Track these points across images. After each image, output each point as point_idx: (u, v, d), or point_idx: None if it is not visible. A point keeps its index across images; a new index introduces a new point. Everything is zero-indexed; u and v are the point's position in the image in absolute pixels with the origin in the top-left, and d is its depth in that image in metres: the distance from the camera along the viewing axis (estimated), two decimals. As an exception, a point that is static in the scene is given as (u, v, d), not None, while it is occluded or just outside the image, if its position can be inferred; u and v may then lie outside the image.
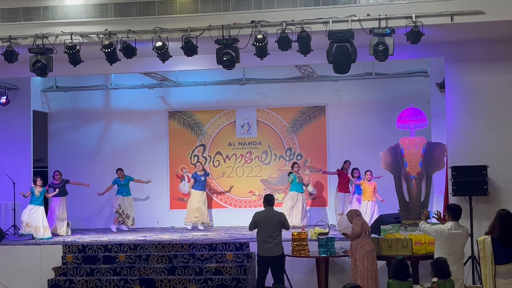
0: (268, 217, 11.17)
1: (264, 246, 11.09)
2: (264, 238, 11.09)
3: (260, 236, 11.16)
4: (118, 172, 16.64)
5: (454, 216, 9.43)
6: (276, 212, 11.46)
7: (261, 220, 11.15)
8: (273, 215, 11.28)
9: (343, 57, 10.91)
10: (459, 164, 12.13)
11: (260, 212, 11.33)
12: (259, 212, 11.37)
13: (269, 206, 11.32)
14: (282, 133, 17.72)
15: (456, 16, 10.69)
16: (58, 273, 13.02)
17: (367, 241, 11.01)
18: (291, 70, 16.44)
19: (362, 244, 10.97)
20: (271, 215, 11.25)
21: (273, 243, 11.05)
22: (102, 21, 11.67)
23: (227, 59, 11.15)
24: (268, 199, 11.40)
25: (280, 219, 11.25)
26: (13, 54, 11.59)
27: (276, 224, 11.14)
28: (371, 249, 10.98)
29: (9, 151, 16.90)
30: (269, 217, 11.19)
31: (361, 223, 11.06)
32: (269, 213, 11.26)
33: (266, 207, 11.33)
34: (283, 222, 11.27)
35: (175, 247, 13.31)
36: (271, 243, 11.04)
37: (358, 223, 11.05)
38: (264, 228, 11.09)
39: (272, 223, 11.11)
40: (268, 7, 11.29)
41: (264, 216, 11.20)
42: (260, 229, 11.14)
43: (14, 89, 17.10)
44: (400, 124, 14.76)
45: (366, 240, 11.01)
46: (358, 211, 11.58)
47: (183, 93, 17.88)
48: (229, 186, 17.75)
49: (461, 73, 12.49)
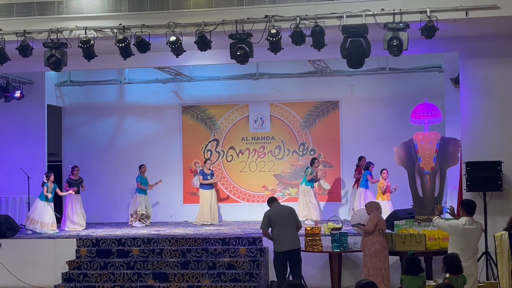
0: (280, 212, 11.13)
1: (282, 240, 10.98)
2: (281, 233, 10.98)
3: (276, 231, 11.05)
4: (142, 168, 16.66)
5: (468, 212, 9.40)
6: (287, 207, 11.48)
7: (274, 217, 11.06)
8: (284, 208, 11.28)
9: (357, 52, 10.87)
10: (473, 159, 12.08)
11: (271, 210, 11.22)
12: (270, 210, 11.25)
13: (275, 202, 11.30)
14: (296, 128, 17.71)
15: (471, 11, 10.63)
16: (72, 266, 13.09)
17: (378, 239, 10.94)
18: (304, 64, 16.41)
19: (373, 241, 10.93)
20: (282, 209, 11.25)
21: (291, 236, 11.00)
22: (116, 15, 11.70)
23: (240, 53, 11.15)
24: (272, 199, 11.43)
25: (293, 212, 11.25)
26: (28, 48, 11.65)
27: (290, 217, 11.09)
28: (381, 247, 10.91)
29: (23, 145, 17.01)
30: (282, 211, 11.16)
31: (376, 220, 10.95)
32: (280, 208, 11.24)
33: (273, 204, 11.29)
34: (295, 216, 11.26)
35: (188, 242, 13.35)
36: (289, 236, 10.98)
37: (373, 220, 10.96)
38: (280, 224, 11.00)
39: (286, 216, 11.07)
40: (282, 2, 11.27)
41: (276, 212, 11.13)
42: (276, 226, 11.04)
43: (29, 83, 17.19)
44: (414, 119, 14.69)
45: (377, 238, 10.94)
46: (378, 205, 11.37)
47: (196, 88, 17.90)
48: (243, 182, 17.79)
49: (475, 68, 12.43)
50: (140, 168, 16.68)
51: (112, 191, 17.91)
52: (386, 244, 11.05)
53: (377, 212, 11.13)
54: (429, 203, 13.50)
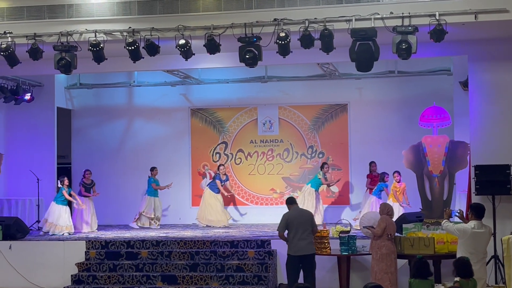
0: (298, 216, 11.08)
1: (297, 245, 10.94)
2: (297, 237, 10.94)
3: (292, 235, 11.00)
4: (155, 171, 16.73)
5: (477, 215, 9.39)
6: (305, 211, 11.49)
7: (292, 220, 11.01)
8: (303, 213, 11.24)
9: (366, 55, 10.89)
10: (482, 163, 12.06)
11: (289, 213, 11.17)
12: (288, 212, 11.20)
13: (294, 205, 11.26)
14: (304, 131, 17.72)
15: (480, 14, 10.62)
16: (81, 268, 13.14)
17: (386, 243, 10.89)
18: (313, 68, 16.43)
19: (380, 245, 10.89)
20: (301, 213, 11.20)
21: (307, 240, 10.96)
22: (126, 19, 11.76)
23: (249, 57, 11.19)
24: (291, 199, 11.39)
25: (310, 217, 11.24)
26: (38, 51, 11.72)
27: (307, 222, 11.05)
28: (388, 251, 10.87)
29: (33, 147, 17.11)
30: (300, 215, 11.10)
31: (384, 225, 10.89)
32: (298, 212, 11.19)
33: (292, 206, 11.24)
34: (312, 220, 11.22)
35: (197, 244, 13.38)
36: (305, 241, 10.94)
37: (381, 224, 10.92)
38: (297, 227, 10.96)
39: (303, 221, 11.02)
40: (291, 5, 11.30)
41: (295, 215, 11.08)
42: (292, 229, 10.99)
43: (39, 86, 17.29)
44: (423, 122, 14.69)
45: (384, 242, 10.89)
46: (390, 209, 11.23)
47: (205, 91, 17.94)
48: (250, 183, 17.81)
49: (484, 71, 12.41)
50: (153, 170, 16.72)
51: (121, 193, 17.96)
52: (394, 248, 11.00)
53: (387, 216, 11.06)
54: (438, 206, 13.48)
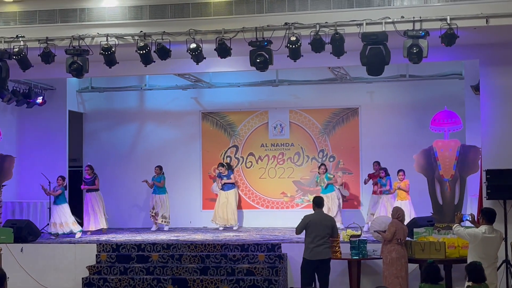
0: (320, 220, 10.92)
1: (314, 249, 10.81)
2: (315, 241, 10.81)
3: (310, 239, 10.87)
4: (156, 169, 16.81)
5: (488, 220, 9.36)
6: (327, 216, 11.37)
7: (312, 223, 10.87)
8: (324, 218, 11.09)
9: (377, 59, 10.87)
10: (493, 167, 12.02)
11: (311, 215, 11.04)
12: (310, 215, 11.08)
13: (319, 208, 11.11)
14: (315, 134, 17.71)
15: (491, 19, 10.57)
16: (92, 271, 13.19)
17: (395, 247, 10.85)
18: (324, 71, 16.42)
19: (390, 250, 10.87)
20: (323, 218, 11.04)
21: (324, 245, 10.83)
22: (137, 23, 11.80)
23: (260, 61, 11.20)
24: (318, 201, 11.19)
25: (332, 223, 11.08)
26: (50, 55, 11.78)
27: (327, 227, 10.91)
28: (398, 256, 10.83)
29: (45, 151, 17.21)
30: (321, 220, 10.94)
31: (394, 229, 10.84)
32: (321, 216, 11.04)
33: (316, 209, 11.10)
34: (333, 226, 11.07)
35: (207, 248, 13.39)
36: (322, 246, 10.81)
37: (391, 229, 10.88)
38: (316, 231, 10.82)
39: (323, 226, 10.87)
40: (301, 9, 11.30)
41: (316, 218, 10.93)
42: (311, 232, 10.85)
43: (51, 90, 17.38)
44: (434, 126, 14.64)
45: (394, 246, 10.85)
46: (401, 214, 11.07)
47: (216, 94, 17.97)
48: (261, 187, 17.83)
49: (496, 75, 12.37)
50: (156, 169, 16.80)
51: (132, 196, 18.02)
52: (404, 252, 10.95)
53: (397, 221, 11.01)
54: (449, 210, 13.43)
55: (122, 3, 11.90)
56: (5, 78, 12.18)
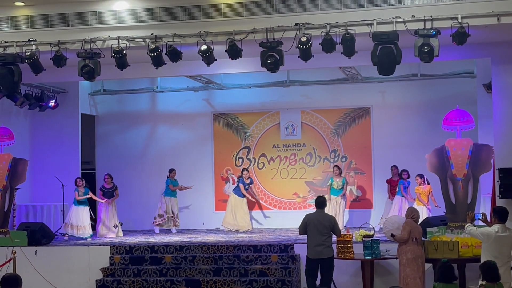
0: (318, 220, 11.09)
1: (315, 248, 11.02)
2: (314, 240, 11.02)
3: (310, 238, 11.10)
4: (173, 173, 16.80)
5: (500, 219, 9.32)
6: (327, 215, 11.43)
7: (311, 223, 11.08)
8: (324, 218, 11.20)
9: (388, 59, 10.86)
10: (506, 166, 12.00)
11: (311, 214, 11.26)
12: (310, 214, 11.30)
13: (320, 209, 11.25)
14: (327, 135, 17.70)
15: (502, 17, 10.54)
16: (106, 273, 13.24)
17: (411, 247, 10.76)
18: (335, 71, 16.41)
19: (405, 250, 10.78)
20: (322, 218, 11.17)
21: (324, 245, 10.99)
22: (148, 25, 11.85)
23: (271, 61, 11.21)
24: (320, 201, 11.32)
25: (330, 222, 11.17)
26: (62, 58, 11.85)
27: (326, 227, 11.05)
28: (414, 256, 10.74)
29: (58, 154, 17.30)
30: (320, 220, 11.10)
31: (409, 228, 10.77)
32: (320, 216, 11.18)
33: (318, 209, 11.26)
34: (334, 226, 11.18)
35: (220, 249, 13.41)
36: (322, 246, 10.99)
37: (406, 228, 10.81)
38: (315, 231, 11.02)
39: (322, 226, 11.03)
40: (312, 10, 11.31)
41: (315, 218, 11.13)
42: (311, 232, 11.07)
43: (63, 93, 17.48)
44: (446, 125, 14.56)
45: (410, 246, 10.77)
46: (416, 215, 11.02)
47: (227, 96, 18.00)
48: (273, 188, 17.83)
49: (508, 74, 12.34)
50: (170, 172, 16.80)
51: (145, 198, 18.05)
52: (421, 252, 10.85)
53: (411, 220, 10.94)
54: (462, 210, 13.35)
55: (133, 6, 11.95)
56: (18, 82, 12.26)
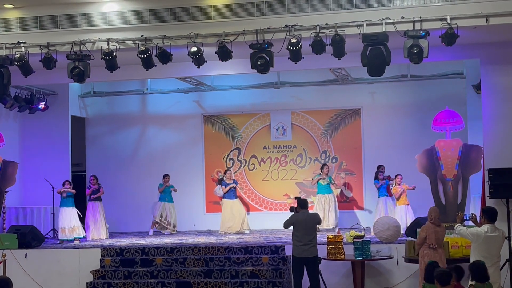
0: (305, 220, 11.33)
1: (300, 247, 11.25)
2: (300, 239, 11.25)
3: (296, 237, 11.32)
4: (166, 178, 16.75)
5: (489, 219, 9.37)
6: (312, 214, 11.73)
7: (299, 222, 11.31)
8: (310, 217, 11.47)
9: (378, 60, 10.90)
10: (496, 166, 12.04)
11: (298, 215, 11.43)
12: (297, 214, 11.46)
13: (304, 209, 11.47)
14: (317, 136, 17.73)
15: (491, 18, 10.59)
16: (97, 276, 13.21)
17: (428, 252, 10.34)
18: (325, 73, 16.44)
19: (423, 254, 10.46)
20: (308, 217, 11.43)
21: (310, 244, 11.24)
22: (138, 27, 11.85)
23: (261, 63, 11.23)
24: (303, 203, 11.57)
25: (316, 221, 11.54)
26: (52, 60, 11.82)
27: (312, 226, 11.38)
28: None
29: (48, 156, 17.24)
30: (306, 219, 11.35)
31: (424, 235, 10.38)
32: (306, 216, 11.43)
33: (301, 210, 11.45)
34: (318, 222, 11.64)
35: (211, 250, 13.41)
36: (308, 245, 11.22)
37: (421, 234, 10.46)
38: (301, 230, 11.26)
39: (309, 225, 11.32)
40: (301, 11, 11.33)
41: (302, 218, 11.34)
42: (297, 231, 11.31)
43: (53, 95, 17.43)
44: (436, 126, 14.63)
45: (426, 251, 10.37)
46: (433, 215, 10.48)
47: (218, 97, 17.99)
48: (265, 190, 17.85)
49: (497, 74, 12.39)
50: (164, 178, 16.76)
51: (135, 200, 18.03)
52: (439, 257, 10.20)
53: (429, 224, 10.46)
54: (452, 210, 13.41)
55: (122, 7, 11.94)
56: (7, 84, 12.23)
